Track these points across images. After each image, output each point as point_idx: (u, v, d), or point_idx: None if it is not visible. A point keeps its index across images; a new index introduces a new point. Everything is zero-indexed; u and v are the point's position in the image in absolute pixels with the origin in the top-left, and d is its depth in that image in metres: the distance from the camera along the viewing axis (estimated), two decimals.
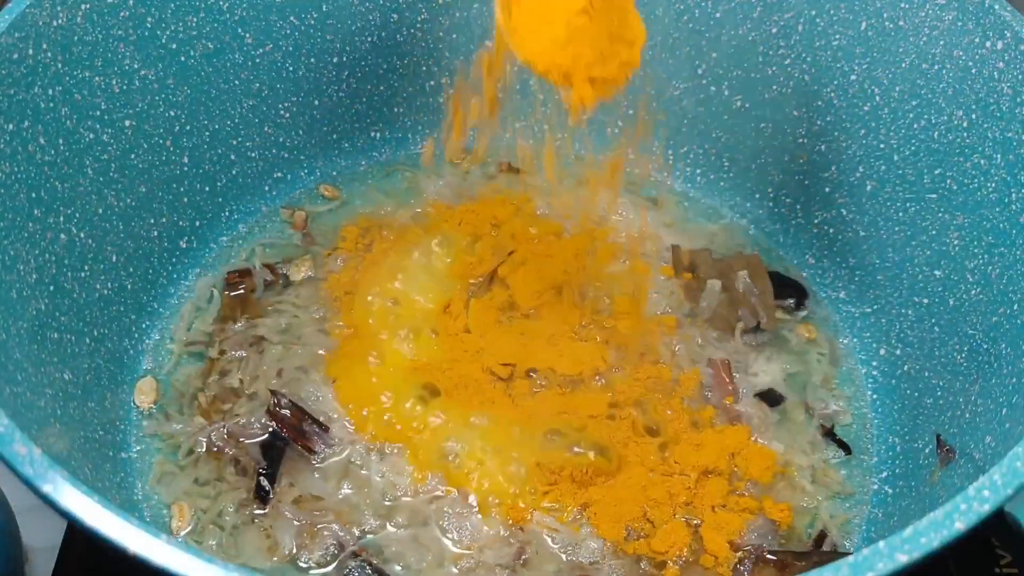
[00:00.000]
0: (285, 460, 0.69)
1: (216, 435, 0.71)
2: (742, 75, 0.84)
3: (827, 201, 0.83)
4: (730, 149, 0.89)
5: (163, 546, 0.40)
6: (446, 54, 0.88)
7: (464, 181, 0.91)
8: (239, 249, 0.84)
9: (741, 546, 0.66)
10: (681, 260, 0.83)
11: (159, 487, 0.69)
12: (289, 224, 0.86)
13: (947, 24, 0.70)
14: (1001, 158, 0.66)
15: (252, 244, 0.84)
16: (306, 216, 0.86)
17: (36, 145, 0.64)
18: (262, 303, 0.79)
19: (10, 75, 0.61)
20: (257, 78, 0.82)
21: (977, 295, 0.68)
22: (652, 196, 0.91)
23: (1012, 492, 0.44)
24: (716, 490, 0.68)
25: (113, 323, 0.73)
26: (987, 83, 0.67)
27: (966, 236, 0.69)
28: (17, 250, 0.61)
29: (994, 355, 0.63)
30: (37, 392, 0.58)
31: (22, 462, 0.43)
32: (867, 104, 0.77)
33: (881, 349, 0.78)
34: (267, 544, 0.66)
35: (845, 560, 0.41)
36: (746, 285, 0.81)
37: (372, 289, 0.78)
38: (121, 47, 0.70)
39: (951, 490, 0.60)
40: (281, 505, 0.67)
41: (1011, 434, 0.57)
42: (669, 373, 0.75)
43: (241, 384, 0.74)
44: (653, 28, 0.85)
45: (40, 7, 0.63)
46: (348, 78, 0.87)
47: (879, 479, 0.72)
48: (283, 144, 0.87)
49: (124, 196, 0.74)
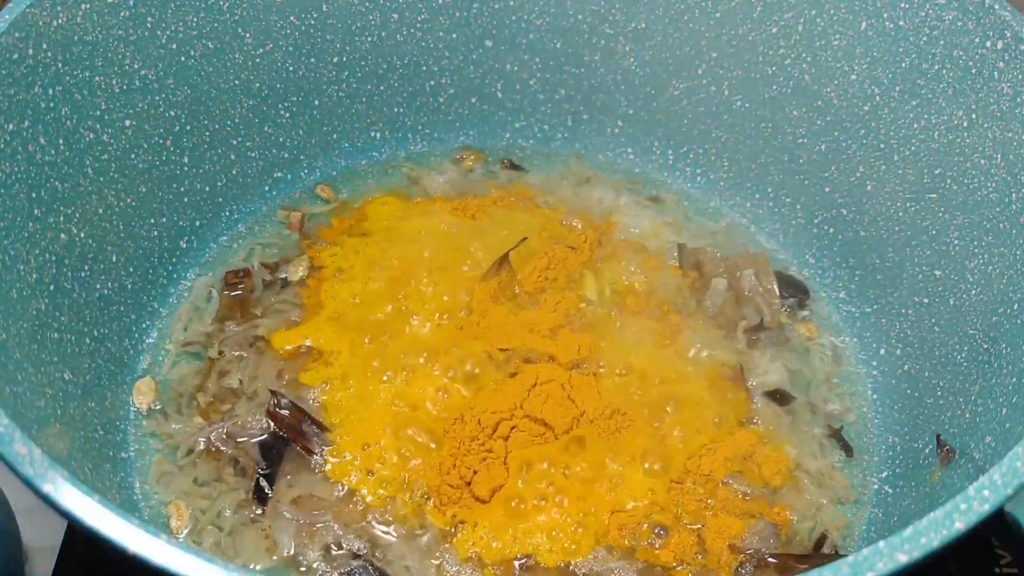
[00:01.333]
0: (284, 460, 0.69)
1: (215, 435, 0.71)
2: (742, 75, 0.84)
3: (827, 201, 0.83)
4: (730, 149, 0.89)
5: (163, 546, 0.40)
6: (446, 54, 0.88)
7: (465, 178, 0.91)
8: (238, 249, 0.84)
9: (743, 549, 0.66)
10: (687, 258, 0.83)
11: (158, 487, 0.69)
12: (285, 225, 0.86)
13: (947, 24, 0.70)
14: (1001, 158, 0.66)
15: (250, 244, 0.84)
16: (302, 217, 0.86)
17: (36, 145, 0.64)
18: (261, 303, 0.80)
19: (10, 75, 0.61)
20: (257, 78, 0.82)
21: (977, 295, 0.68)
22: (653, 195, 0.91)
23: (1012, 492, 0.44)
24: (722, 494, 0.68)
25: (113, 323, 0.73)
26: (987, 83, 0.67)
27: (966, 236, 0.69)
28: (17, 250, 0.61)
29: (994, 355, 0.63)
30: (37, 392, 0.58)
31: (22, 462, 0.44)
32: (867, 104, 0.77)
33: (881, 349, 0.78)
34: (266, 544, 0.66)
35: (845, 560, 0.41)
36: (751, 284, 0.81)
37: (369, 276, 0.79)
38: (121, 47, 0.70)
39: (951, 490, 0.60)
40: (280, 505, 0.67)
41: (1011, 434, 0.57)
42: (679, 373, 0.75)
43: (240, 384, 0.74)
44: (653, 28, 0.85)
45: (40, 7, 0.63)
46: (348, 78, 0.87)
47: (879, 479, 0.72)
48: (283, 144, 0.87)
49: (124, 196, 0.74)
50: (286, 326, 0.77)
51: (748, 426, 0.73)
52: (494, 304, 0.77)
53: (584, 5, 0.85)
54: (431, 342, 0.75)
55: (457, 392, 0.72)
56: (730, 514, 0.68)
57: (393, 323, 0.76)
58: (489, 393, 0.71)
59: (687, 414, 0.72)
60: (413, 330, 0.76)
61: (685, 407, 0.73)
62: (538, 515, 0.66)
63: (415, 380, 0.72)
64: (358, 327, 0.76)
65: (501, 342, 0.75)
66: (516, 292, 0.78)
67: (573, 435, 0.70)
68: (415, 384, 0.72)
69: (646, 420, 0.71)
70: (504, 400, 0.71)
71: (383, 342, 0.75)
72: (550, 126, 0.94)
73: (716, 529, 0.67)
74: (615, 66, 0.88)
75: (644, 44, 0.86)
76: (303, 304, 0.79)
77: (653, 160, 0.92)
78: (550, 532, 0.66)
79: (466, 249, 0.81)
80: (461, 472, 0.67)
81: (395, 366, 0.73)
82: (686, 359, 0.76)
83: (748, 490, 0.69)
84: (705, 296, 0.81)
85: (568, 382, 0.72)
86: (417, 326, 0.76)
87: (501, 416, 0.70)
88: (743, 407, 0.74)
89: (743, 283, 0.82)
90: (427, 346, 0.74)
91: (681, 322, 0.79)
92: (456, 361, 0.73)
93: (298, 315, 0.78)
